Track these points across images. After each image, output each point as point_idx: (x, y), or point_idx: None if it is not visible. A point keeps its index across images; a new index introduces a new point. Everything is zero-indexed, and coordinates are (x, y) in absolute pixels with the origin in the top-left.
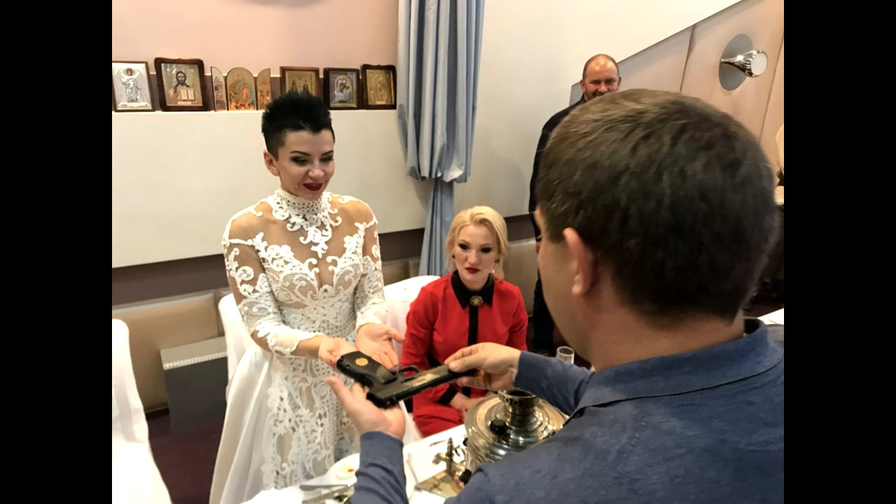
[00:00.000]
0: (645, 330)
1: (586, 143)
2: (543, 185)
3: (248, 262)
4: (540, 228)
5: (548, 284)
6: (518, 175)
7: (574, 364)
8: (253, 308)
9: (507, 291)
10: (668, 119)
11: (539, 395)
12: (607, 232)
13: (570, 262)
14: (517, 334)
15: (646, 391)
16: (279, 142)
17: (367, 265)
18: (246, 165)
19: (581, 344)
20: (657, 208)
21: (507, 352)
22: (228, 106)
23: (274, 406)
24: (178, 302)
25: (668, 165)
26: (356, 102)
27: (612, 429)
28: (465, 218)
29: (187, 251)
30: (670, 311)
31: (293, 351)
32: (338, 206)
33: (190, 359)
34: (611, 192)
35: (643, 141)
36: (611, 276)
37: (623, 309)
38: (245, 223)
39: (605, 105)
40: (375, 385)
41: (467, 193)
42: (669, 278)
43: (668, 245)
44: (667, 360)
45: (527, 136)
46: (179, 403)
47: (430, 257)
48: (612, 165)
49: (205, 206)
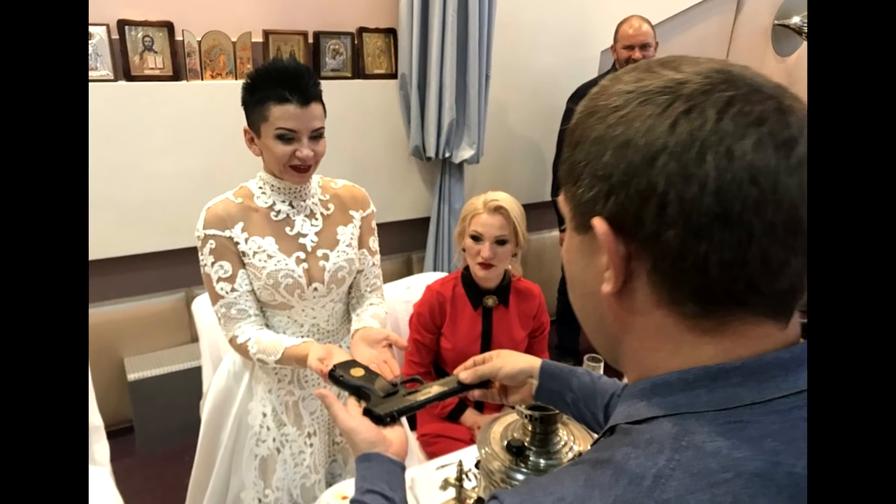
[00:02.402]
0: (686, 335)
1: (618, 119)
2: (568, 168)
3: (226, 257)
4: (564, 217)
5: (573, 282)
6: (538, 155)
7: (603, 375)
8: (231, 310)
9: (526, 290)
10: (712, 90)
11: (563, 411)
12: (642, 221)
13: (598, 256)
14: (538, 340)
15: (687, 406)
16: (262, 117)
17: (364, 260)
18: (223, 144)
19: (612, 351)
20: (700, 194)
21: (526, 360)
22: (203, 75)
23: (256, 423)
24: (144, 303)
25: (712, 144)
26: (351, 71)
27: (648, 450)
28: (478, 205)
29: (155, 244)
30: (715, 314)
31: (278, 359)
32: (329, 192)
33: (158, 368)
34: (646, 174)
35: (684, 116)
36: (646, 272)
37: (660, 311)
38: (222, 211)
39: (640, 74)
40: (373, 399)
41: (480, 177)
42: (714, 275)
43: (713, 236)
44: (711, 370)
45: (549, 110)
46: (146, 420)
47: (436, 251)
48: (648, 144)
49: (175, 192)
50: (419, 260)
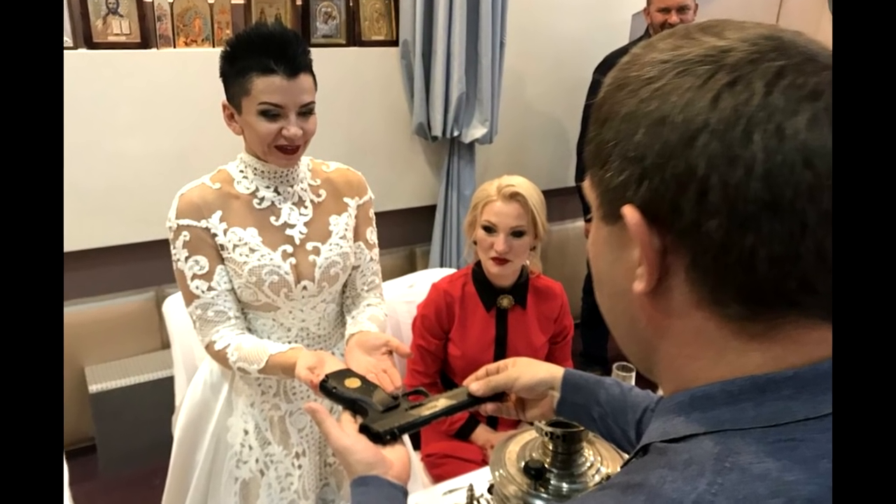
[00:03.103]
0: (730, 340)
1: (652, 92)
2: (595, 148)
3: (202, 251)
4: (590, 205)
5: (600, 280)
6: (560, 135)
7: (635, 386)
8: (208, 311)
9: (547, 289)
10: (760, 59)
11: (588, 427)
12: (680, 210)
13: (629, 249)
14: (560, 346)
15: (731, 422)
16: (243, 90)
17: (361, 254)
18: (199, 122)
19: (645, 359)
20: (746, 178)
21: (546, 370)
22: (175, 42)
23: (236, 442)
24: (107, 303)
25: (760, 121)
26: (345, 38)
27: (687, 472)
28: (491, 191)
29: (119, 236)
30: (764, 316)
31: (262, 368)
32: (321, 176)
33: (124, 379)
34: (684, 156)
35: (727, 89)
36: (684, 268)
37: (701, 313)
38: (197, 198)
39: (677, 41)
40: (371, 414)
41: (493, 159)
42: (762, 272)
43: (761, 227)
44: (759, 381)
45: (572, 82)
46: (110, 438)
47: (443, 244)
48: (687, 121)
49: (144, 176)
50: (424, 254)
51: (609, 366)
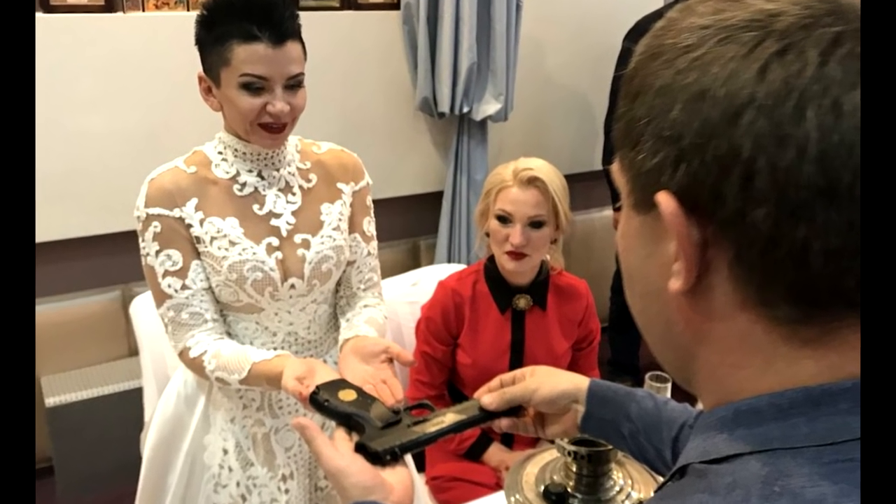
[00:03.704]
0: (779, 347)
1: (690, 62)
2: (625, 126)
3: (175, 244)
4: (619, 192)
5: (631, 277)
6: (585, 111)
7: (671, 399)
8: (182, 313)
9: (570, 288)
10: (814, 25)
11: (617, 446)
12: (722, 197)
13: (664, 242)
14: (585, 353)
15: (781, 440)
16: (222, 60)
17: (357, 248)
18: (171, 96)
19: (682, 368)
20: (798, 161)
21: (569, 380)
22: (144, 6)
23: (214, 462)
24: (66, 304)
25: (814, 95)
26: (339, 0)
27: (730, 497)
28: (506, 176)
29: (80, 227)
30: (818, 318)
31: (243, 378)
32: (311, 159)
33: (85, 391)
34: (727, 135)
35: (777, 58)
36: (727, 264)
37: (746, 315)
38: (170, 184)
39: (720, 4)
40: (369, 431)
41: (508, 138)
42: (817, 268)
43: (815, 216)
44: (813, 393)
45: (599, 50)
46: (70, 458)
47: (451, 236)
48: (730, 95)
49: (108, 158)
50: (429, 248)
51: (641, 376)
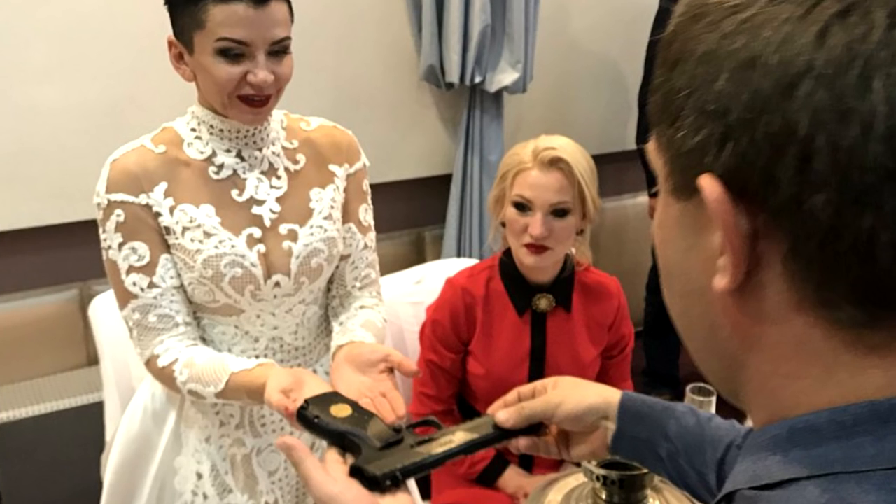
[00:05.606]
0: (841, 354)
1: (738, 25)
2: (662, 99)
3: (141, 235)
4: (656, 175)
5: (670, 273)
6: (616, 81)
7: (716, 415)
8: (149, 316)
9: (599, 287)
10: None
11: (653, 469)
12: (775, 181)
13: (708, 233)
14: (616, 362)
15: (843, 462)
16: (196, 22)
17: (352, 240)
18: (136, 64)
19: (728, 379)
20: (863, 139)
21: (598, 394)
22: None
23: (186, 489)
24: (15, 305)
25: (881, 64)
26: None
27: None
28: (525, 157)
29: (31, 216)
30: (886, 322)
31: (220, 391)
32: (299, 137)
33: (38, 405)
34: (781, 109)
35: (838, 20)
36: (781, 258)
37: (803, 317)
38: (135, 166)
39: None
40: (366, 452)
41: (527, 113)
42: (885, 263)
43: (883, 203)
44: (880, 409)
45: (632, 12)
46: (19, 484)
47: (461, 226)
48: (784, 63)
49: (63, 136)
50: (435, 240)
51: (681, 388)
